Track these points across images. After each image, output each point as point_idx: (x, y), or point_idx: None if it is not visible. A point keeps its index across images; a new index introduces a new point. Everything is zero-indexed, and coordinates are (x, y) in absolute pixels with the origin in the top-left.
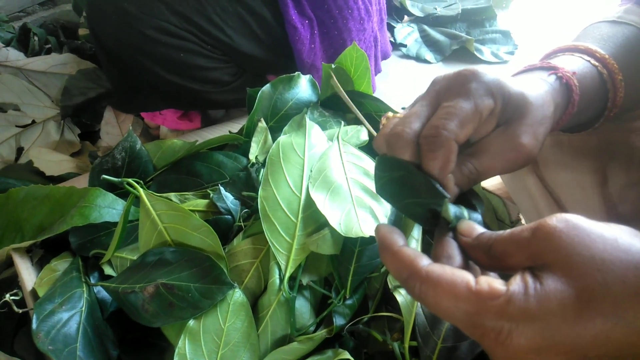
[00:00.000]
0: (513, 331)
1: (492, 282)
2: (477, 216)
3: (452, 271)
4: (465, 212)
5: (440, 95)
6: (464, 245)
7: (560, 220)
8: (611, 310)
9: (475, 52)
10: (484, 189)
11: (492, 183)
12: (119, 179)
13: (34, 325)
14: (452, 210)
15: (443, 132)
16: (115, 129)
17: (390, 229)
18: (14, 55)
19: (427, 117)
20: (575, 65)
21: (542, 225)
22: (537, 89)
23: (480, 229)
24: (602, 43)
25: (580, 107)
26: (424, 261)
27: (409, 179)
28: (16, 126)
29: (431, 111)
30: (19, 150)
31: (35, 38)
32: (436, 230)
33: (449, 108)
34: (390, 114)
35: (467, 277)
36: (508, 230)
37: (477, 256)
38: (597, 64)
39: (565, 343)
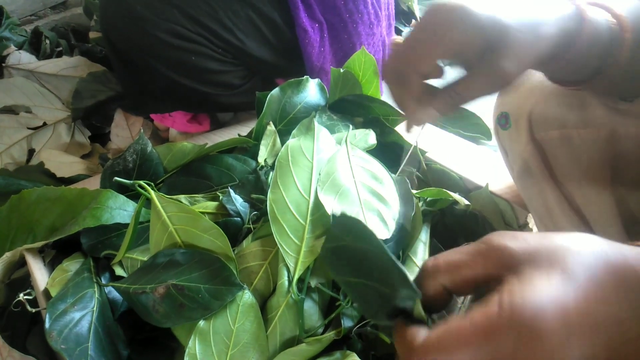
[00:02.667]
0: (536, 334)
1: (481, 307)
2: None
3: (444, 324)
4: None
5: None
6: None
7: (503, 233)
8: (613, 286)
9: None
10: (492, 192)
11: (500, 187)
12: (131, 181)
13: (46, 325)
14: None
15: (401, 65)
16: (125, 131)
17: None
18: (26, 58)
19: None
20: (591, 13)
21: (490, 239)
22: (532, 14)
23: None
24: (625, 8)
25: (584, 49)
26: (421, 333)
27: (372, 256)
28: (28, 128)
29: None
30: (30, 152)
31: (47, 41)
32: (396, 326)
33: (410, 42)
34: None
35: (458, 319)
36: (456, 250)
37: (437, 281)
38: (610, 18)
39: (585, 323)
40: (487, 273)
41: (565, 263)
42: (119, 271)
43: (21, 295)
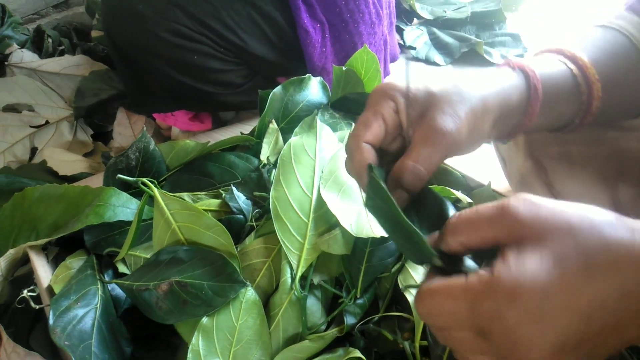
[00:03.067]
0: (511, 307)
1: (479, 272)
2: (472, 264)
3: (448, 279)
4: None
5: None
6: (437, 242)
7: (521, 199)
8: (601, 271)
9: (485, 55)
10: (494, 190)
11: (502, 185)
12: (134, 179)
13: (50, 321)
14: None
15: (351, 137)
16: (127, 129)
17: None
18: (29, 57)
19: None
20: (549, 65)
21: (507, 205)
22: (465, 82)
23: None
24: (588, 49)
25: (549, 107)
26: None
27: (396, 219)
28: (30, 126)
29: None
30: (33, 150)
31: (49, 40)
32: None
33: (358, 119)
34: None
35: (459, 278)
36: (473, 208)
37: (451, 241)
38: (574, 69)
39: (563, 309)
40: (497, 238)
41: (564, 246)
42: (122, 268)
43: (25, 291)
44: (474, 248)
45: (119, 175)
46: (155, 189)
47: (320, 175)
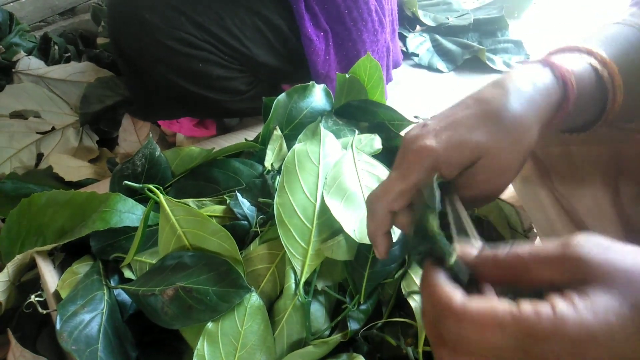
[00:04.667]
0: (577, 352)
1: (535, 304)
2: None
3: (490, 300)
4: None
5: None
6: (471, 262)
7: (587, 239)
8: None
9: (487, 62)
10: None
11: (505, 192)
12: (140, 185)
13: (57, 326)
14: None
15: (376, 205)
16: (132, 136)
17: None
18: (35, 64)
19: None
20: (574, 64)
21: (572, 244)
22: (514, 104)
23: (476, 245)
24: (605, 45)
25: (577, 107)
26: (458, 296)
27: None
28: (36, 133)
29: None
30: (39, 156)
31: (56, 47)
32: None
33: (385, 183)
34: None
35: (505, 303)
36: (527, 247)
37: (486, 270)
38: (597, 65)
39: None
40: (554, 281)
41: (636, 298)
42: (127, 274)
43: (33, 296)
44: (517, 286)
45: (125, 182)
46: (161, 195)
47: (323, 181)
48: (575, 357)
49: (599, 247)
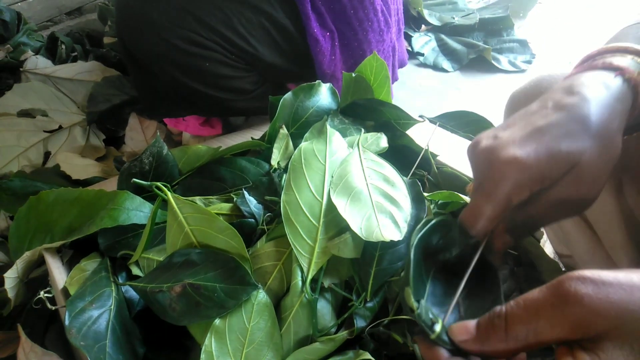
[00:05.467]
0: None
1: None
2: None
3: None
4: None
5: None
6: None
7: (582, 280)
8: None
9: (493, 61)
10: None
11: None
12: (148, 183)
13: (66, 322)
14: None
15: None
16: (139, 134)
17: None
18: (43, 63)
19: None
20: (634, 66)
21: (569, 292)
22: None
23: (472, 322)
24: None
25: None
26: None
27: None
28: (44, 131)
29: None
30: (47, 155)
31: (63, 46)
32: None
33: (472, 206)
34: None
35: None
36: (517, 301)
37: (494, 346)
38: None
39: None
40: (560, 338)
41: None
42: (135, 271)
43: (42, 292)
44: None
45: (134, 180)
46: (168, 193)
47: (330, 180)
48: None
49: (595, 287)
